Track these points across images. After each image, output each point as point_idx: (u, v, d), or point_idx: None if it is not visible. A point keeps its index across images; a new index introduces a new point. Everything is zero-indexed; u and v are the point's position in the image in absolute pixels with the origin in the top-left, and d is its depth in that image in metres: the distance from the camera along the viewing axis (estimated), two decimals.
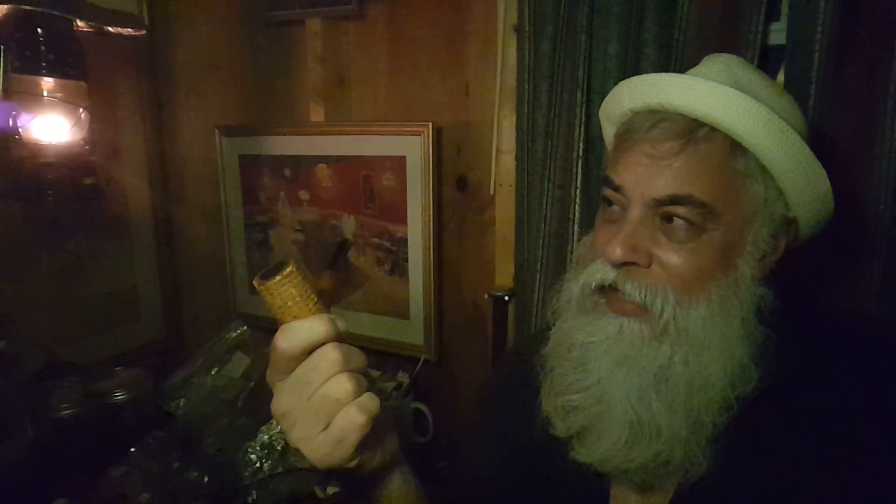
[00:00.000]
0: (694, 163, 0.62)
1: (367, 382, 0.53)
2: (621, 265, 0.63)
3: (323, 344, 0.51)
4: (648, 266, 0.63)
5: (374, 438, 0.53)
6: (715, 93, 0.62)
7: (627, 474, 0.65)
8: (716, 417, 0.62)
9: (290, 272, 0.51)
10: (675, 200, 0.62)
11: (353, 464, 0.53)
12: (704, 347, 0.62)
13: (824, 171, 0.65)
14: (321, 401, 0.50)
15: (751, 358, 0.62)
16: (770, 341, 0.63)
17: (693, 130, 0.62)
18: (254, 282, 0.52)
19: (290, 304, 0.51)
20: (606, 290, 0.65)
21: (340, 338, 0.52)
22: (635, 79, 0.69)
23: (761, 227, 0.65)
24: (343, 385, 0.50)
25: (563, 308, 0.71)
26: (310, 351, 0.51)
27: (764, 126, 0.61)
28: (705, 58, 0.73)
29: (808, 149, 0.64)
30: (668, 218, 0.63)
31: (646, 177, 0.63)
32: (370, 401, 0.52)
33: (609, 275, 0.64)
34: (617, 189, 0.66)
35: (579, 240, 1.16)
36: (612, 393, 0.63)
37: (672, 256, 0.62)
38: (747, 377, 0.62)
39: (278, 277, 0.50)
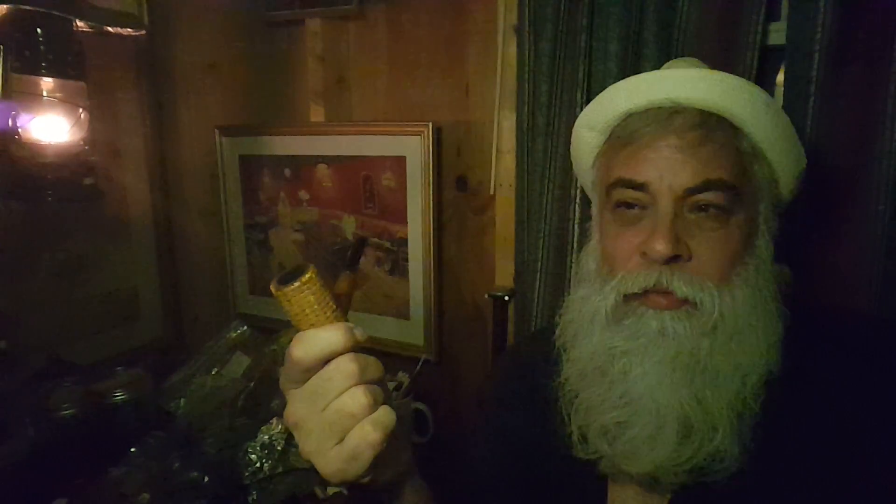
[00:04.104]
0: (715, 149, 0.63)
1: (383, 395, 0.52)
2: (664, 263, 0.61)
3: (339, 354, 0.50)
4: (689, 260, 0.62)
5: (388, 453, 0.51)
6: (724, 83, 0.64)
7: (670, 476, 0.63)
8: (756, 403, 0.61)
9: (310, 279, 0.49)
10: (707, 186, 0.62)
11: (366, 479, 0.52)
12: (746, 332, 0.62)
13: (803, 150, 0.69)
14: (335, 414, 0.49)
15: (781, 335, 0.63)
16: (789, 320, 0.64)
17: (706, 120, 0.64)
18: (271, 287, 0.50)
19: (307, 311, 0.49)
20: (640, 295, 0.63)
21: (358, 348, 0.51)
22: (633, 79, 0.68)
23: (767, 207, 0.67)
24: (358, 399, 0.49)
25: (586, 327, 0.68)
26: (326, 361, 0.49)
27: (765, 111, 0.64)
28: (667, 63, 0.76)
29: (794, 130, 0.67)
30: (699, 207, 0.63)
31: (672, 169, 0.62)
32: (386, 416, 0.50)
33: (650, 278, 0.62)
34: (640, 187, 0.64)
35: (580, 241, 1.16)
36: (663, 399, 0.61)
37: (707, 246, 0.62)
38: (777, 358, 0.62)
39: (297, 284, 0.48)
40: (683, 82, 0.64)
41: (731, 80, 0.64)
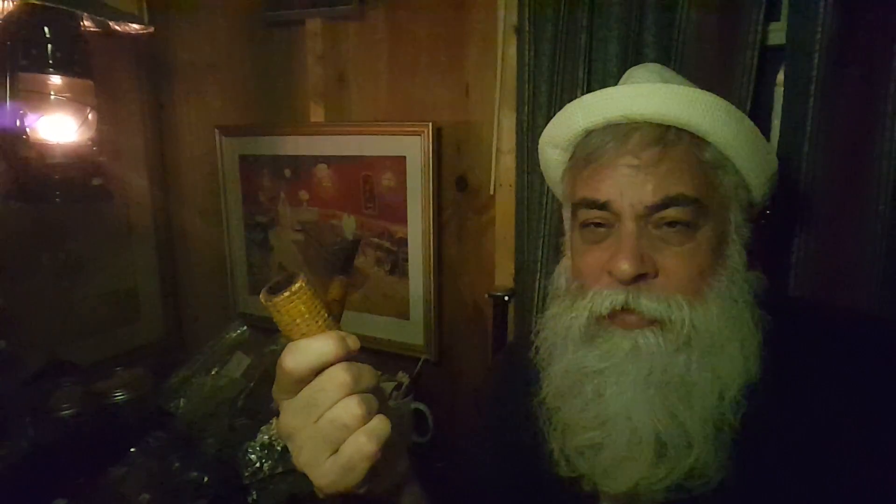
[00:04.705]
0: (675, 164, 0.62)
1: (377, 403, 0.51)
2: (631, 282, 0.61)
3: (332, 363, 0.49)
4: (656, 277, 0.62)
5: (383, 463, 0.50)
6: (679, 95, 0.63)
7: (651, 493, 0.62)
8: (735, 416, 0.60)
9: (300, 288, 0.48)
10: (668, 203, 0.61)
11: (362, 490, 0.51)
12: (722, 345, 0.61)
13: (773, 151, 0.69)
14: (329, 426, 0.48)
15: (760, 344, 0.62)
16: (769, 325, 0.63)
17: (664, 135, 0.63)
18: (261, 297, 0.49)
19: (298, 321, 0.48)
20: (608, 316, 0.63)
21: (351, 356, 0.50)
22: (587, 97, 0.68)
23: (737, 215, 0.66)
24: (352, 409, 0.48)
25: (559, 345, 0.68)
26: (318, 371, 0.49)
27: (726, 119, 0.63)
28: (628, 71, 0.75)
29: (760, 133, 0.66)
30: (663, 223, 0.62)
31: (632, 187, 0.62)
32: (380, 425, 0.49)
33: (619, 297, 0.61)
34: (603, 206, 0.64)
35: None
36: (638, 418, 0.61)
37: (674, 261, 0.62)
38: (757, 367, 0.61)
39: (286, 294, 0.47)
40: (637, 98, 0.64)
41: (687, 91, 0.64)
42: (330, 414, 0.48)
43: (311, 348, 0.48)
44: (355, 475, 0.49)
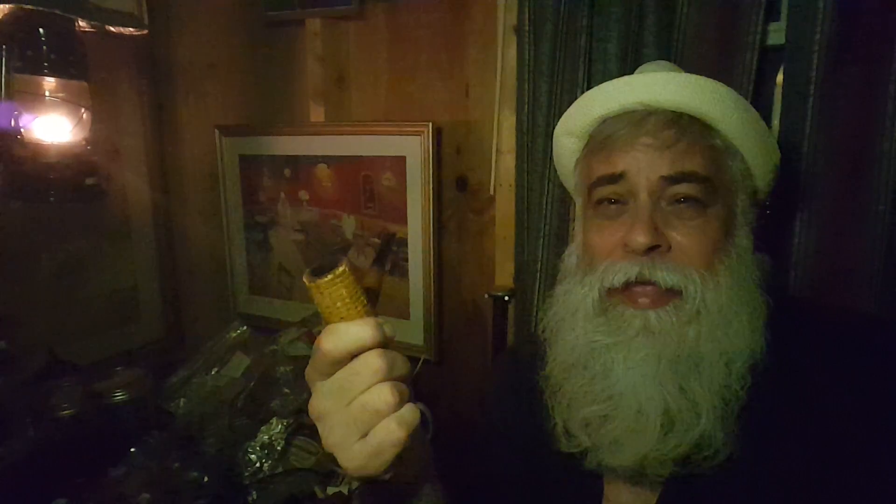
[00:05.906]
0: (688, 146, 0.65)
1: (409, 392, 0.51)
2: (645, 253, 0.63)
3: (368, 349, 0.49)
4: (669, 250, 0.63)
5: (410, 451, 0.51)
6: (693, 84, 0.66)
7: (658, 468, 0.63)
8: (742, 389, 0.62)
9: (343, 272, 0.49)
10: (682, 177, 0.64)
11: (388, 476, 0.51)
12: (730, 319, 0.63)
13: (776, 143, 0.72)
14: (360, 409, 0.49)
15: (765, 323, 0.64)
16: (772, 310, 0.65)
17: (678, 120, 0.66)
18: (304, 278, 0.49)
19: (338, 304, 0.49)
20: (621, 290, 0.65)
21: (386, 344, 0.51)
22: (605, 85, 0.70)
23: (744, 199, 0.69)
24: (384, 395, 0.49)
25: (568, 319, 0.69)
26: (354, 355, 0.49)
27: (734, 108, 0.67)
28: (640, 68, 0.79)
29: (765, 125, 0.69)
30: (676, 199, 0.65)
31: (648, 160, 0.65)
32: (410, 414, 0.50)
33: (633, 269, 0.63)
34: (619, 177, 0.66)
35: None
36: (646, 393, 0.62)
37: (686, 235, 0.64)
38: (762, 344, 0.63)
39: (329, 276, 0.48)
40: (653, 85, 0.67)
41: (700, 80, 0.67)
42: (363, 398, 0.49)
43: (349, 332, 0.49)
44: (383, 460, 0.49)
